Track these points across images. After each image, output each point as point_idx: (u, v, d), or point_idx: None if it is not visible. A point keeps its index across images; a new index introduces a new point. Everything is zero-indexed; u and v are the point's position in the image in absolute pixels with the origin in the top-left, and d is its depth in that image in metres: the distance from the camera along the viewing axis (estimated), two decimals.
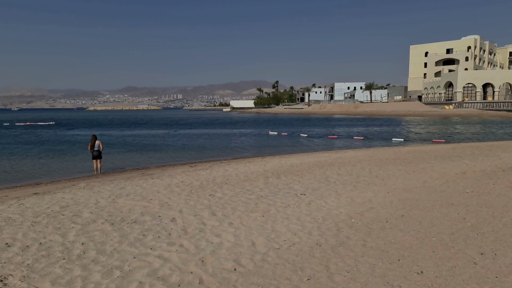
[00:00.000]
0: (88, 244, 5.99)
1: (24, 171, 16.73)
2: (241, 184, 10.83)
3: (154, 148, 26.22)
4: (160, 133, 41.33)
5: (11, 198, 9.79)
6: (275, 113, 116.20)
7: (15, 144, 28.91)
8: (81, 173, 15.81)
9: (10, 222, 7.24)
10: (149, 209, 8.11)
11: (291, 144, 28.24)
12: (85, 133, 40.63)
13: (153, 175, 13.14)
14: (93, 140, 15.80)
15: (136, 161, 19.90)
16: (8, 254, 5.57)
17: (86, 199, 9.17)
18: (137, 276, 4.84)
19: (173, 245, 5.95)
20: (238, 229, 6.70)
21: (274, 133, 38.58)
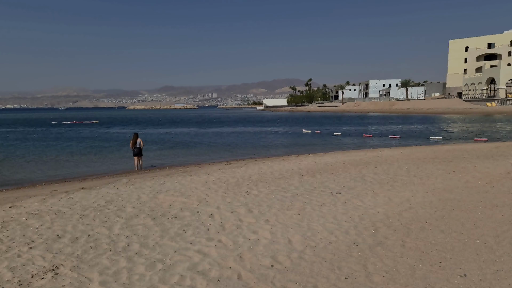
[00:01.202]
0: (132, 238, 6.29)
1: (71, 166, 17.72)
2: (276, 182, 10.89)
3: (191, 146, 26.85)
4: (196, 131, 42.23)
5: (61, 192, 10.44)
6: (308, 111, 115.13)
7: (62, 141, 30.63)
8: (122, 169, 16.53)
9: (61, 215, 7.74)
10: (188, 205, 8.37)
11: (325, 142, 27.94)
12: (126, 131, 42.30)
13: (190, 172, 13.51)
14: (135, 138, 16.45)
15: (173, 158, 20.51)
16: (59, 245, 5.98)
17: (129, 195, 9.60)
18: (178, 270, 5.04)
19: (211, 240, 6.13)
20: (274, 226, 6.78)
21: (308, 131, 38.30)
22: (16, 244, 6.00)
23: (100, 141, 30.70)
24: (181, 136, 35.70)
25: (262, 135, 36.31)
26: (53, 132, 41.64)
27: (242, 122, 64.63)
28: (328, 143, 27.21)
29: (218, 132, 41.24)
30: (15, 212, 8.17)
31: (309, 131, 37.97)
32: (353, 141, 28.47)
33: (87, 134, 38.34)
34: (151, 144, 27.18)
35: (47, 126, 54.02)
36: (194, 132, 41.71)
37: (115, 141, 30.78)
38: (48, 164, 18.59)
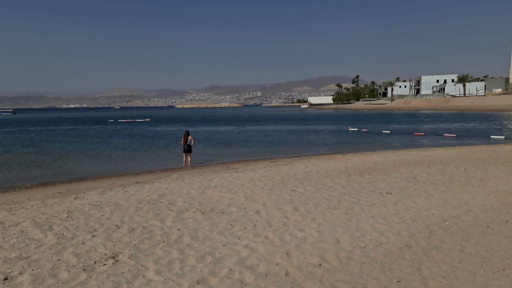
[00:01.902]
0: (183, 230, 6.55)
1: (126, 161, 18.76)
2: (322, 180, 10.77)
3: (235, 143, 27.30)
4: (240, 129, 42.81)
5: (118, 186, 11.10)
6: (355, 109, 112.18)
7: (118, 138, 32.50)
8: (172, 165, 17.20)
9: (118, 207, 8.24)
10: (235, 201, 8.54)
11: (373, 141, 27.08)
12: (174, 129, 43.91)
13: (237, 169, 13.75)
14: (186, 136, 17.07)
15: (219, 155, 20.97)
16: (118, 235, 6.37)
17: (179, 189, 9.99)
18: (227, 263, 5.17)
19: (258, 236, 6.21)
20: (321, 225, 6.72)
21: (354, 129, 37.35)
22: (80, 232, 6.48)
23: (150, 138, 32.16)
24: (225, 134, 36.38)
25: (307, 133, 35.97)
26: (110, 130, 44.23)
27: (286, 120, 64.46)
28: (376, 142, 26.36)
29: (262, 130, 41.49)
30: (79, 203, 8.82)
31: (356, 129, 37.00)
32: (403, 140, 27.34)
33: (139, 132, 40.29)
34: (197, 141, 27.99)
35: (105, 124, 57.48)
36: (238, 130, 42.32)
37: (164, 138, 32.09)
38: (105, 159, 19.82)
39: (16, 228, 6.84)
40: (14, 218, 7.57)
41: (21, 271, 4.94)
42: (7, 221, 7.35)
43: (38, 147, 26.12)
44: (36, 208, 8.44)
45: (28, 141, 31.15)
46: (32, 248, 5.79)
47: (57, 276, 4.76)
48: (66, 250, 5.65)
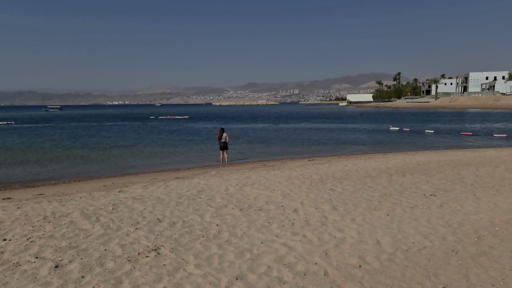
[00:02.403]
0: (222, 226, 6.65)
1: (165, 157, 19.36)
2: (362, 180, 10.52)
3: (272, 141, 27.30)
4: (277, 127, 42.75)
5: (159, 181, 11.48)
6: (396, 107, 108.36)
7: (158, 134, 33.58)
8: (209, 162, 17.51)
9: (160, 201, 8.52)
10: (273, 199, 8.55)
11: (415, 140, 26.06)
12: (211, 126, 44.67)
13: (274, 167, 13.75)
14: (221, 133, 17.31)
15: (256, 152, 21.08)
16: (159, 228, 6.59)
17: (218, 186, 10.16)
18: (265, 260, 5.19)
19: (296, 235, 6.18)
20: (361, 226, 6.57)
21: (395, 128, 36.11)
22: (125, 225, 6.77)
23: (189, 135, 32.96)
24: (260, 132, 36.49)
25: (345, 131, 35.26)
26: (150, 126, 45.78)
27: (322, 118, 63.53)
28: (418, 141, 25.34)
29: (298, 128, 41.17)
30: (123, 196, 9.22)
31: (397, 128, 35.76)
32: (448, 139, 26.07)
33: (178, 128, 41.37)
34: (234, 138, 28.26)
35: (146, 121, 59.57)
36: (273, 127, 42.26)
37: (201, 135, 32.76)
38: (146, 154, 20.55)
39: (66, 219, 7.26)
40: (64, 209, 8.04)
41: (70, 259, 5.24)
42: (58, 212, 7.82)
43: (83, 142, 27.59)
44: (84, 200, 8.92)
45: (75, 136, 33.01)
46: (81, 238, 6.13)
47: (104, 266, 5.00)
48: (112, 241, 5.92)
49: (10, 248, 5.67)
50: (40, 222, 7.04)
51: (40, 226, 6.76)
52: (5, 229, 6.63)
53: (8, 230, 6.57)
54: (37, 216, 7.50)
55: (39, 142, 27.67)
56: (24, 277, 4.69)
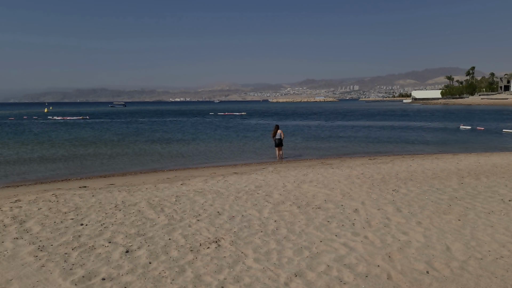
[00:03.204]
0: (280, 222, 6.65)
1: (223, 152, 19.87)
2: (429, 181, 9.88)
3: (329, 138, 26.77)
4: (333, 124, 41.78)
5: (218, 175, 11.81)
6: (468, 104, 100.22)
7: (217, 129, 34.59)
8: (265, 158, 17.64)
9: (219, 195, 8.76)
10: (332, 197, 8.36)
11: (490, 140, 23.90)
12: (268, 122, 44.91)
13: (332, 165, 13.46)
14: (276, 129, 17.35)
15: (312, 150, 20.83)
16: (219, 221, 6.77)
17: (275, 182, 10.18)
18: (324, 259, 5.09)
19: (357, 235, 5.98)
20: (428, 230, 6.17)
21: (467, 127, 33.40)
22: (187, 216, 7.06)
23: (245, 131, 33.49)
24: (318, 128, 35.91)
25: (409, 130, 33.40)
26: (208, 122, 47.28)
27: (384, 115, 60.82)
28: (494, 142, 23.22)
29: (357, 125, 39.84)
30: (185, 189, 9.62)
31: (468, 127, 33.07)
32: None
33: (236, 124, 42.20)
34: (289, 135, 28.15)
35: (205, 116, 61.64)
36: (332, 124, 41.34)
37: (258, 131, 33.10)
38: (205, 149, 21.27)
39: (135, 208, 7.76)
40: (132, 199, 8.60)
41: (139, 246, 5.58)
42: (127, 201, 8.38)
43: (147, 136, 29.29)
44: (150, 191, 9.46)
45: (139, 130, 35.22)
46: (148, 226, 6.50)
47: (169, 254, 5.26)
48: (175, 231, 6.21)
49: (86, 232, 6.19)
50: (112, 210, 7.60)
51: (112, 214, 7.30)
52: (82, 215, 7.26)
53: (85, 216, 7.18)
54: (109, 204, 8.11)
55: (109, 136, 29.98)
56: (99, 259, 5.09)
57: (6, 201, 8.61)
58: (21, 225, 6.62)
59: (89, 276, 4.57)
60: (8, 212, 7.52)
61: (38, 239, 5.87)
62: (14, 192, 10.24)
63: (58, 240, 5.81)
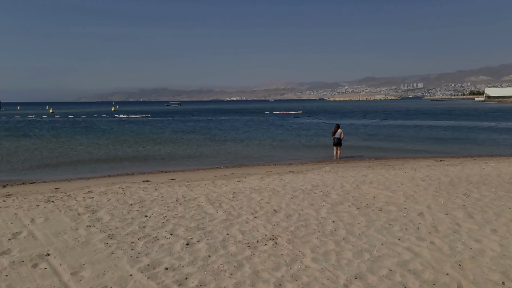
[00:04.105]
0: (338, 223, 6.47)
1: (279, 150, 19.85)
2: (506, 186, 9.01)
3: (389, 138, 25.58)
4: (394, 123, 39.81)
5: (274, 174, 11.82)
6: None
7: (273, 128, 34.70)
8: (322, 157, 17.30)
9: (276, 193, 8.76)
10: (394, 200, 7.96)
11: None
12: (323, 121, 44.07)
13: (394, 166, 12.83)
14: (336, 128, 16.95)
15: (370, 150, 20.06)
16: (276, 219, 6.75)
17: (333, 182, 9.94)
18: (386, 263, 4.85)
19: (423, 240, 5.62)
20: (505, 238, 5.61)
21: None
22: (244, 212, 7.15)
23: (301, 130, 33.17)
24: (377, 128, 34.45)
25: (479, 130, 30.77)
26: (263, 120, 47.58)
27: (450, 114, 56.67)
28: None
29: (420, 124, 37.55)
30: (241, 186, 9.76)
31: None
32: None
33: (292, 122, 41.97)
34: (347, 135, 27.36)
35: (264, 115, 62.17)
36: (392, 123, 39.41)
37: (314, 130, 32.62)
38: (261, 147, 21.41)
39: (194, 202, 8.02)
40: (192, 194, 8.91)
41: (199, 239, 5.76)
42: (187, 195, 8.70)
43: (204, 133, 30.21)
44: (208, 187, 9.73)
45: (196, 128, 36.47)
46: (207, 221, 6.68)
47: (227, 248, 5.35)
48: (233, 227, 6.31)
49: (150, 224, 6.52)
50: (173, 203, 7.94)
51: (173, 207, 7.62)
52: (146, 207, 7.66)
53: (149, 208, 7.58)
54: (171, 198, 8.48)
55: (168, 133, 31.49)
56: (162, 250, 5.33)
57: (80, 192, 9.38)
58: (93, 214, 7.16)
59: (153, 265, 4.80)
60: (82, 202, 8.18)
61: (108, 228, 6.31)
62: (86, 184, 11.12)
63: (126, 230, 6.20)
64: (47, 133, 32.23)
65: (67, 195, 8.97)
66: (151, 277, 4.47)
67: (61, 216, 7.04)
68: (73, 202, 8.20)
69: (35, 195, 9.19)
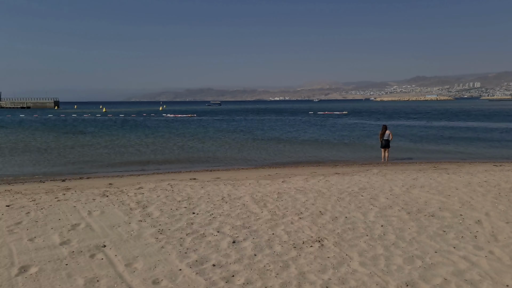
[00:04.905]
0: (387, 228, 6.24)
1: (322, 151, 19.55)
2: None
3: (440, 140, 24.25)
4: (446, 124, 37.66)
5: (319, 175, 11.66)
6: None
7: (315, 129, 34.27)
8: (368, 159, 16.79)
9: (321, 195, 8.63)
10: (448, 205, 7.54)
11: None
12: (369, 122, 42.74)
13: (447, 170, 12.16)
14: (383, 130, 16.38)
15: (420, 152, 19.15)
16: (322, 221, 6.65)
17: (381, 185, 9.61)
18: (440, 272, 4.61)
19: (480, 249, 5.27)
20: None
21: None
22: (289, 213, 7.12)
23: (346, 131, 32.41)
24: (427, 129, 32.80)
25: None
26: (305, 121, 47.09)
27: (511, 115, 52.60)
28: None
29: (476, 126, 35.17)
30: (286, 186, 9.73)
31: None
32: None
33: (336, 123, 41.16)
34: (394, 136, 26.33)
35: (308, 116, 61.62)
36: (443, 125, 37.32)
37: (359, 131, 31.77)
38: (303, 148, 21.21)
39: (239, 201, 8.12)
40: (237, 192, 9.03)
41: (244, 237, 5.82)
42: (232, 194, 8.83)
43: (246, 132, 30.44)
44: (252, 187, 9.81)
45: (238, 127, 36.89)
46: (252, 220, 6.74)
47: (273, 248, 5.36)
48: (278, 227, 6.30)
49: (197, 221, 6.70)
50: (219, 201, 8.09)
51: (219, 205, 7.77)
52: (194, 204, 7.88)
53: (196, 205, 7.79)
54: (217, 196, 8.65)
55: (212, 132, 32.18)
56: (209, 246, 5.45)
57: (131, 188, 9.85)
58: (144, 210, 7.49)
59: (201, 261, 4.92)
60: (133, 197, 8.58)
61: (158, 223, 6.56)
62: (137, 180, 11.65)
63: (174, 226, 6.41)
64: (100, 131, 34.23)
65: (120, 190, 9.45)
66: (199, 272, 4.59)
67: (115, 210, 7.44)
68: (125, 197, 8.63)
69: (91, 189, 9.79)
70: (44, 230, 6.23)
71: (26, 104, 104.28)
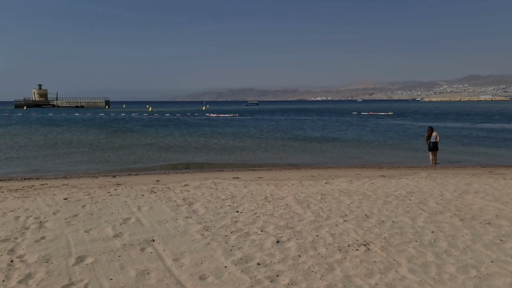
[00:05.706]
0: (438, 234, 5.96)
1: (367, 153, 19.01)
2: None
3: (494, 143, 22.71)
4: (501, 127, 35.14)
5: (364, 177, 11.37)
6: None
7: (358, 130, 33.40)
8: (415, 162, 16.08)
9: (366, 197, 8.41)
10: (506, 213, 7.06)
11: None
12: (416, 123, 40.91)
13: (505, 176, 11.38)
14: (430, 132, 15.68)
15: (473, 156, 18.04)
16: (368, 224, 6.49)
17: (430, 189, 9.19)
18: (497, 283, 4.34)
19: None
20: None
21: None
22: (333, 215, 7.01)
23: (391, 132, 31.29)
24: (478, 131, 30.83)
25: None
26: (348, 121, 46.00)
27: None
28: None
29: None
30: (329, 188, 9.59)
31: None
32: None
33: (380, 124, 39.84)
34: (445, 138, 24.99)
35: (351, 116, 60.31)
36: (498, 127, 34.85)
37: (405, 132, 30.53)
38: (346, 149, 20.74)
39: (282, 201, 8.12)
40: (280, 193, 9.03)
41: (288, 238, 5.82)
42: (275, 194, 8.85)
43: (289, 133, 30.29)
44: (295, 187, 9.77)
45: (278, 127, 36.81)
46: (296, 220, 6.72)
47: (317, 250, 5.31)
48: (322, 228, 6.23)
49: (241, 219, 6.79)
50: (262, 201, 8.15)
51: (263, 205, 7.82)
52: (237, 203, 7.99)
53: (239, 204, 7.90)
54: (260, 195, 8.71)
55: (254, 131, 32.41)
56: (253, 245, 5.51)
57: (177, 185, 10.18)
58: (190, 206, 7.71)
59: (246, 259, 4.99)
60: (180, 194, 8.86)
61: (203, 220, 6.74)
62: (182, 178, 12.02)
63: (219, 223, 6.55)
64: (147, 129, 35.67)
65: (166, 187, 9.81)
66: (244, 270, 4.65)
67: (163, 206, 7.73)
68: (172, 194, 8.94)
69: (140, 185, 10.25)
70: (98, 222, 6.62)
71: (80, 103, 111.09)
